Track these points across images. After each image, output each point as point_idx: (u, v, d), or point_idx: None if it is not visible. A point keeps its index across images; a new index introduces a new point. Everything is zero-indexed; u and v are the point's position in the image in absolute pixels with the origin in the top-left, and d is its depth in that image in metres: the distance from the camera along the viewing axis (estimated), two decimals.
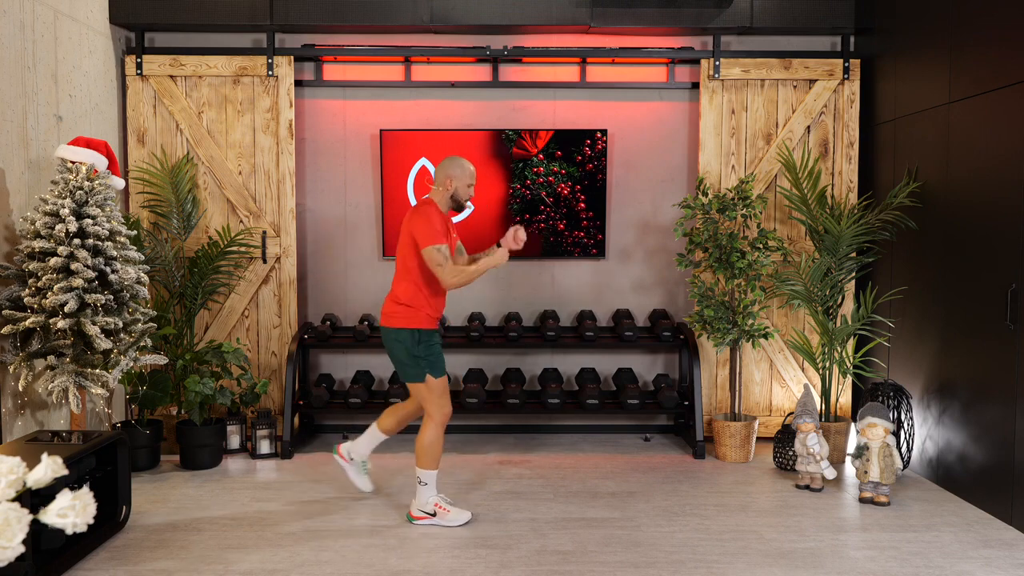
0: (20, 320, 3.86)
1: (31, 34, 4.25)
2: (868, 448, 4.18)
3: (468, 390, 5.13)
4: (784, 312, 5.40)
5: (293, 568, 3.36)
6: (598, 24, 5.17)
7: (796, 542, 3.66)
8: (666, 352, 5.68)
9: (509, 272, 5.56)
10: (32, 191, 4.24)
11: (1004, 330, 3.89)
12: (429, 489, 3.85)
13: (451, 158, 3.94)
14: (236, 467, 4.85)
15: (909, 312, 4.80)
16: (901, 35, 4.93)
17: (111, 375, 4.00)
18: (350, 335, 5.34)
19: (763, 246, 4.96)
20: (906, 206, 4.75)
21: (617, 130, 5.56)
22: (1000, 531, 3.80)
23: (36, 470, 1.71)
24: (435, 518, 3.84)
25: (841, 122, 5.36)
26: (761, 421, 5.38)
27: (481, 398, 5.11)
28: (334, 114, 5.56)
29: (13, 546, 1.64)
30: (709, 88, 5.35)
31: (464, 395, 5.13)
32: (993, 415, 4.00)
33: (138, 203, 5.28)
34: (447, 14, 5.17)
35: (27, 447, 3.48)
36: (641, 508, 4.10)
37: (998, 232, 3.96)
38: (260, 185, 5.35)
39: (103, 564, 3.39)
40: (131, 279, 4.09)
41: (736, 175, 5.36)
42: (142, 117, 5.30)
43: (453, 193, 3.89)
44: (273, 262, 5.35)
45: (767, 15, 5.20)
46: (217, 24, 5.22)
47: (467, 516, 3.87)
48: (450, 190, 3.88)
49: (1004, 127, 3.93)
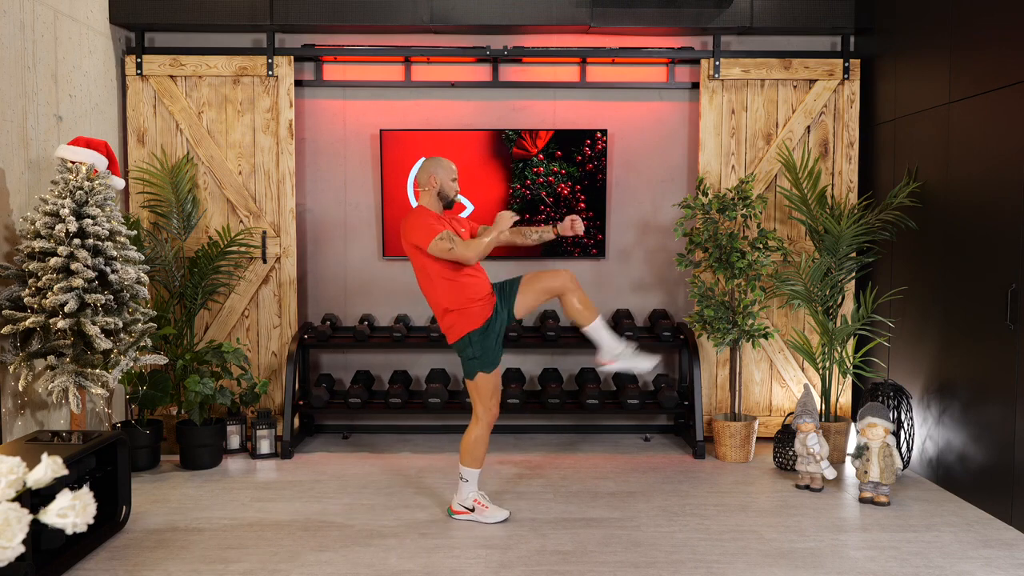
0: (20, 320, 3.86)
1: (31, 34, 4.25)
2: (868, 448, 4.18)
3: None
4: (784, 312, 5.40)
5: (293, 568, 3.36)
6: (598, 24, 5.17)
7: (796, 542, 3.66)
8: (666, 352, 5.68)
9: (509, 272, 5.56)
10: (32, 191, 4.24)
11: (1004, 330, 3.89)
12: (470, 486, 3.91)
13: (427, 159, 3.99)
14: (236, 467, 4.85)
15: (909, 312, 4.80)
16: (901, 35, 4.93)
17: (111, 375, 4.00)
18: (350, 335, 5.34)
19: (763, 246, 4.96)
20: (906, 206, 4.75)
21: (617, 130, 5.56)
22: (1000, 531, 3.80)
23: (36, 470, 1.70)
24: (473, 513, 3.90)
25: (841, 122, 5.36)
26: (761, 421, 5.38)
27: None
28: (334, 114, 5.56)
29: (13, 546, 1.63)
30: (709, 88, 5.35)
31: (464, 395, 5.12)
32: (993, 415, 4.00)
33: (138, 203, 5.28)
34: (447, 14, 5.17)
35: (27, 447, 3.47)
36: (641, 508, 4.10)
37: (998, 232, 3.96)
38: (260, 185, 5.35)
39: (103, 564, 3.39)
40: (131, 279, 4.09)
41: (736, 175, 5.36)
42: (142, 117, 5.30)
43: (439, 190, 3.90)
44: (273, 262, 5.35)
45: (767, 15, 5.20)
46: (217, 24, 5.22)
47: (505, 514, 3.93)
48: (436, 187, 3.90)
49: (1004, 127, 3.93)
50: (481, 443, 3.88)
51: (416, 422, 5.58)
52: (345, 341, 5.30)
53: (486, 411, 3.87)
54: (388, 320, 5.63)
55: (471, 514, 3.92)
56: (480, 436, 3.87)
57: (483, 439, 3.88)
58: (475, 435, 3.87)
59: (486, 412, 3.87)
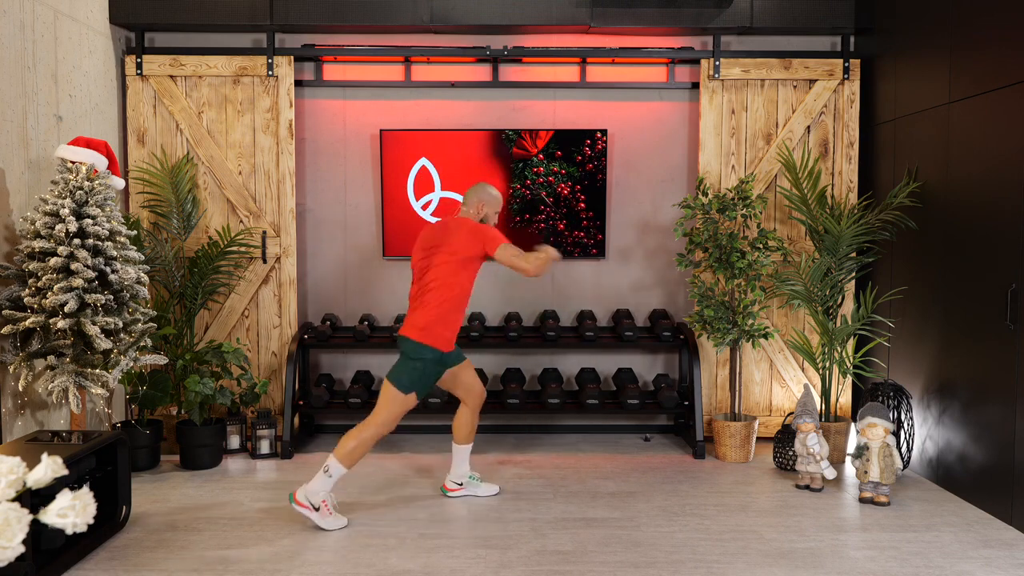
0: (20, 320, 3.86)
1: (31, 34, 4.25)
2: (868, 448, 4.18)
3: None
4: (784, 312, 5.40)
5: (293, 568, 3.36)
6: (598, 24, 5.17)
7: (796, 542, 3.66)
8: (666, 352, 5.68)
9: (509, 272, 5.56)
10: (32, 191, 4.24)
11: (1004, 330, 3.89)
12: (329, 483, 3.79)
13: (483, 184, 4.11)
14: (236, 467, 4.85)
15: (909, 312, 4.80)
16: (901, 35, 4.93)
17: (111, 375, 4.00)
18: (350, 335, 5.34)
19: (763, 246, 4.97)
20: (906, 206, 4.75)
21: (617, 130, 5.56)
22: (1000, 531, 3.80)
23: (36, 470, 1.71)
24: (315, 513, 3.74)
25: (841, 122, 5.36)
26: (761, 421, 5.38)
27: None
28: (334, 114, 5.56)
29: (13, 546, 1.64)
30: (709, 88, 5.35)
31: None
32: (993, 415, 4.00)
33: (138, 203, 5.28)
34: (447, 14, 5.17)
35: (27, 447, 3.47)
36: (641, 508, 4.10)
37: (998, 232, 3.96)
38: (260, 185, 5.35)
39: (103, 564, 3.39)
40: (131, 279, 4.09)
41: (736, 175, 5.36)
42: (142, 117, 5.30)
43: (483, 218, 4.04)
44: (273, 262, 5.35)
45: (767, 15, 5.20)
46: (217, 24, 5.22)
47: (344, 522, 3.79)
48: (481, 214, 4.05)
49: (1004, 127, 3.93)
50: (365, 447, 3.82)
51: (416, 422, 5.57)
52: (345, 341, 5.30)
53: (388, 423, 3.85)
54: (388, 320, 5.63)
55: (311, 512, 3.74)
56: (369, 440, 3.81)
57: (367, 445, 3.82)
58: (365, 435, 3.81)
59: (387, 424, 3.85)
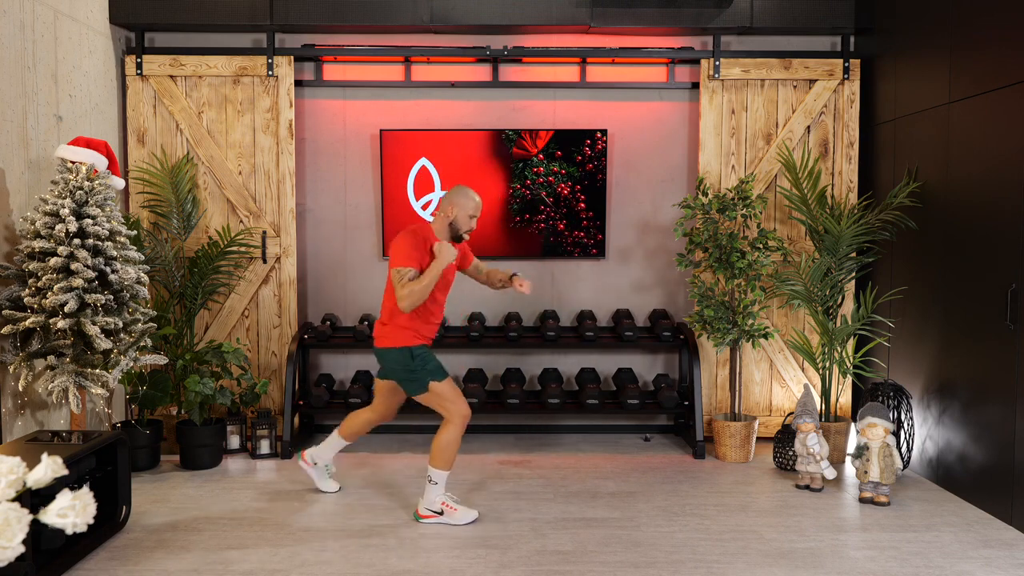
0: (20, 320, 3.86)
1: (31, 34, 4.25)
2: (868, 448, 4.18)
3: (468, 390, 5.13)
4: (784, 312, 5.40)
5: (293, 568, 3.36)
6: (598, 24, 5.17)
7: (796, 542, 3.66)
8: (666, 352, 5.68)
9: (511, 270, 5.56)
10: (32, 191, 4.24)
11: (1004, 330, 3.89)
12: (438, 488, 3.85)
13: (460, 187, 3.91)
14: (236, 467, 4.85)
15: (909, 312, 4.80)
16: (901, 35, 4.93)
17: (111, 375, 4.00)
18: (350, 335, 5.34)
19: (763, 246, 4.96)
20: (906, 206, 4.75)
21: (617, 130, 5.56)
22: (1000, 531, 3.80)
23: (36, 470, 1.70)
24: (442, 516, 3.84)
25: (841, 122, 5.36)
26: (761, 421, 5.38)
27: (481, 398, 5.11)
28: (334, 114, 5.56)
29: (13, 546, 1.63)
30: (709, 88, 5.35)
31: (464, 395, 5.12)
32: (993, 415, 4.00)
33: (138, 203, 5.28)
34: (447, 14, 5.17)
35: (27, 447, 3.47)
36: (641, 508, 4.10)
37: (998, 232, 3.96)
38: (260, 185, 5.35)
39: (103, 564, 3.39)
40: (131, 279, 4.09)
41: (736, 175, 5.36)
42: (142, 117, 5.30)
43: (452, 221, 3.84)
44: (273, 262, 5.35)
45: (767, 15, 5.20)
46: (217, 24, 5.22)
47: (474, 515, 3.88)
48: (450, 217, 3.84)
49: (1004, 127, 3.93)
50: (455, 445, 3.82)
51: (415, 422, 5.57)
52: (345, 341, 5.30)
53: (457, 412, 3.82)
54: None
55: (439, 517, 3.84)
56: (454, 438, 3.81)
57: (456, 441, 3.82)
58: (448, 436, 3.80)
59: (457, 413, 3.82)
